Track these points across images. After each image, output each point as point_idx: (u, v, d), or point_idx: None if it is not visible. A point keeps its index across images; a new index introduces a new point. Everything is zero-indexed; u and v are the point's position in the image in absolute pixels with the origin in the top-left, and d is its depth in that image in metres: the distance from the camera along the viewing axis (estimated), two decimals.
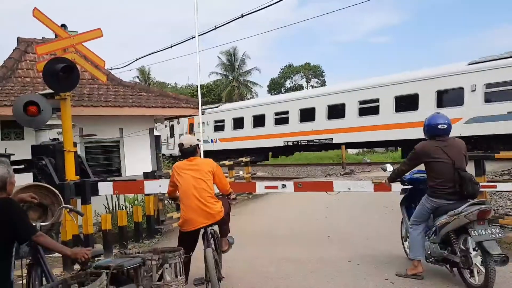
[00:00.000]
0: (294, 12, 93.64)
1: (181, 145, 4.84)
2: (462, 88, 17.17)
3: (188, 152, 4.80)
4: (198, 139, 5.16)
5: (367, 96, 20.34)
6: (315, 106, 22.52)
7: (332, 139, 21.75)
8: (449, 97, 17.99)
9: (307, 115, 22.94)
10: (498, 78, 16.23)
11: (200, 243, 4.70)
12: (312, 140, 22.77)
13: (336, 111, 21.62)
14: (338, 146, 21.45)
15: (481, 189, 5.77)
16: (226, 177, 7.78)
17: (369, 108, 20.26)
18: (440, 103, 17.91)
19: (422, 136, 5.09)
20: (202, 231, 4.59)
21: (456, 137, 5.12)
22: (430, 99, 18.04)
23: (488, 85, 16.57)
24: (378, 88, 20.01)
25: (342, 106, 21.39)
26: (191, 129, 29.75)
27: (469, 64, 17.50)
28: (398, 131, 18.80)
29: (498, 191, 8.70)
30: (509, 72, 15.93)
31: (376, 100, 19.99)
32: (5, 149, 8.12)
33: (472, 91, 16.93)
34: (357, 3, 15.04)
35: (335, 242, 6.98)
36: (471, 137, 16.38)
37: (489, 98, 16.62)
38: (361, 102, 20.62)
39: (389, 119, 19.31)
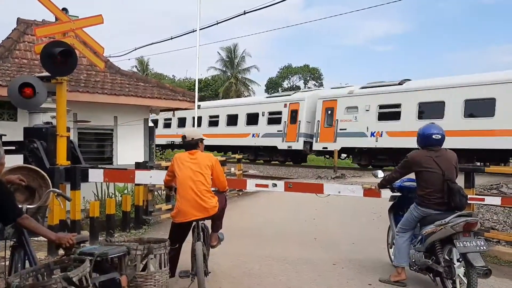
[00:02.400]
0: (299, 13, 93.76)
1: (184, 137, 4.85)
2: None
3: (190, 144, 4.82)
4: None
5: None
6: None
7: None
8: None
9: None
10: None
11: (189, 236, 4.71)
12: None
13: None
14: None
15: (469, 202, 5.82)
16: None
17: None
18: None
19: None
20: (193, 224, 4.60)
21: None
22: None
23: None
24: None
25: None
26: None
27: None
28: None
29: (485, 205, 8.77)
30: None
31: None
32: None
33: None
34: (360, 9, 15.06)
35: (321, 245, 7.01)
36: None
37: None
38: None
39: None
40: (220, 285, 4.99)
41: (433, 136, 4.89)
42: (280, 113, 24.36)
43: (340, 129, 21.22)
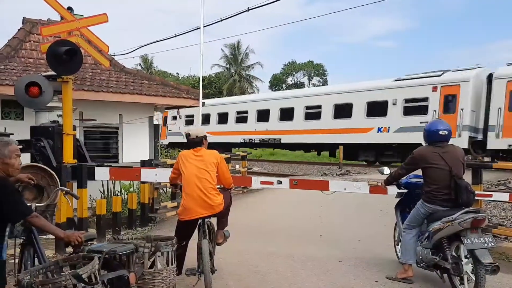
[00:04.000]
0: (301, 9, 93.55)
1: (188, 134, 4.86)
2: None
3: (194, 142, 4.82)
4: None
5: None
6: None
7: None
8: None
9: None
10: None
11: (195, 234, 4.72)
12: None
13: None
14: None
15: (477, 198, 5.79)
16: None
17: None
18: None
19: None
20: (199, 221, 4.61)
21: None
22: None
23: None
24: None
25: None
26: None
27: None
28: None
29: (493, 201, 8.75)
30: None
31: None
32: (5, 128, 8.10)
33: None
34: (364, 4, 15.01)
35: (327, 242, 7.01)
36: None
37: None
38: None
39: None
40: (226, 282, 5.01)
41: (440, 132, 4.87)
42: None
43: None
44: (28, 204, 3.47)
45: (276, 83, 61.07)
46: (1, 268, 2.95)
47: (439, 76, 18.10)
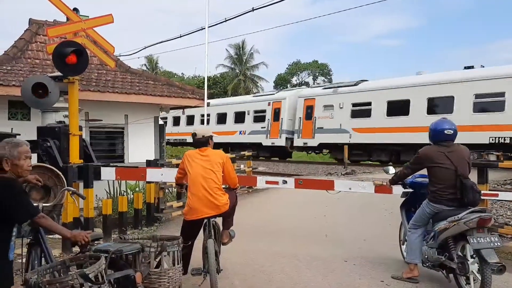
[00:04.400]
0: (306, 9, 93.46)
1: (194, 134, 4.87)
2: None
3: (200, 142, 4.83)
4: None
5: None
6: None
7: None
8: None
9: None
10: None
11: (200, 234, 4.73)
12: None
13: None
14: None
15: (483, 197, 5.76)
16: None
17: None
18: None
19: None
20: (205, 221, 4.62)
21: None
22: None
23: None
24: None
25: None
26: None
27: None
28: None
29: (499, 200, 8.70)
30: None
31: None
32: (11, 128, 8.17)
33: None
34: (369, 3, 14.98)
35: (332, 241, 7.01)
36: None
37: None
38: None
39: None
40: (232, 282, 5.02)
41: (445, 132, 4.85)
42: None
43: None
44: (35, 204, 3.49)
45: (281, 83, 61.03)
46: (8, 268, 2.97)
47: (273, 95, 26.57)
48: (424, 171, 5.06)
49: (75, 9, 7.36)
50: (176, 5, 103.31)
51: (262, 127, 25.40)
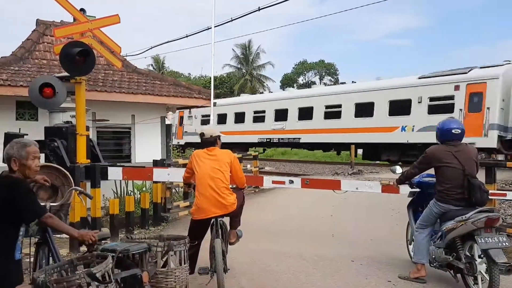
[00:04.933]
0: (313, 9, 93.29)
1: (202, 134, 4.87)
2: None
3: (208, 142, 4.83)
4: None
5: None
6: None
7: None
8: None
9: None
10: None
11: (207, 233, 4.74)
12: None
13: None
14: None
15: (491, 197, 5.73)
16: None
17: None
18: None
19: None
20: (212, 221, 4.62)
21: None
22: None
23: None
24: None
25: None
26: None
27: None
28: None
29: (507, 200, 8.64)
30: None
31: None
32: (19, 129, 8.21)
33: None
34: (376, 2, 14.93)
35: (339, 241, 6.99)
36: None
37: None
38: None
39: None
40: (239, 281, 5.02)
41: (453, 131, 4.83)
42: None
43: None
44: (43, 204, 3.51)
45: (288, 82, 60.98)
46: (15, 267, 2.99)
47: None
48: (431, 171, 5.03)
49: (82, 10, 7.40)
50: (182, 5, 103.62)
51: None
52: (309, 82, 59.97)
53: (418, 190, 5.50)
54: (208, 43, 12.99)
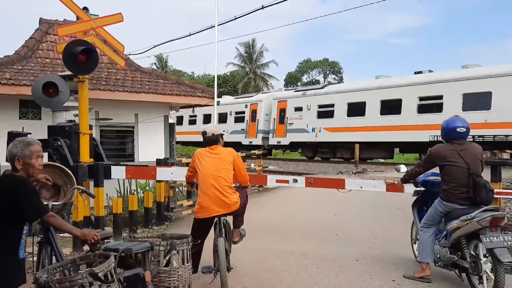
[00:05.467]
0: (317, 7, 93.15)
1: (204, 133, 4.84)
2: None
3: (210, 140, 4.80)
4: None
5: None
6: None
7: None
8: None
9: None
10: None
11: (211, 232, 4.72)
12: None
13: None
14: None
15: (496, 196, 5.69)
16: None
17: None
18: None
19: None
20: (215, 219, 4.60)
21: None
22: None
23: None
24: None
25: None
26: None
27: None
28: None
29: None
30: None
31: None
32: (22, 128, 8.22)
33: None
34: (380, 1, 14.85)
35: (343, 240, 6.96)
36: None
37: None
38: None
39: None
40: (242, 280, 5.00)
41: (457, 129, 4.79)
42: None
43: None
44: (45, 203, 3.50)
45: (291, 81, 60.91)
46: (19, 265, 2.98)
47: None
48: (436, 170, 4.99)
49: (85, 8, 7.40)
50: (186, 4, 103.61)
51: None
52: (313, 80, 59.86)
53: (422, 189, 5.45)
54: (212, 41, 12.94)
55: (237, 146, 24.44)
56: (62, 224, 3.13)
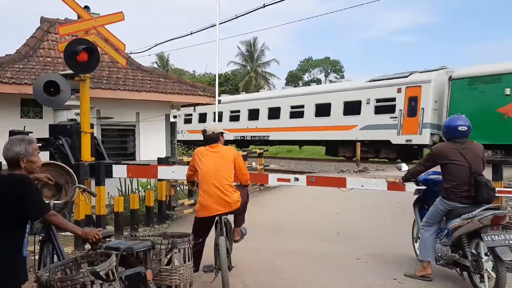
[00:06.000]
0: (319, 6, 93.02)
1: (204, 131, 4.83)
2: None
3: (211, 138, 4.79)
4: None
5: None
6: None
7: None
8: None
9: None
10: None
11: (212, 231, 4.72)
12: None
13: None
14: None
15: (498, 195, 5.67)
16: None
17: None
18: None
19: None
20: (216, 218, 4.60)
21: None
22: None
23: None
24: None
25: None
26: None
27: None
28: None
29: None
30: None
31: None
32: (24, 126, 8.24)
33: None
34: None
35: (345, 239, 6.96)
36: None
37: None
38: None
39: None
40: (244, 279, 5.01)
41: (459, 128, 4.78)
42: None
43: None
44: (47, 202, 3.50)
45: (293, 79, 60.90)
46: (22, 264, 2.99)
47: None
48: (437, 168, 4.99)
49: (86, 7, 7.39)
50: (187, 3, 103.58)
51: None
52: (314, 79, 59.83)
53: (424, 187, 5.45)
54: (213, 40, 12.93)
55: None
56: (63, 223, 3.14)
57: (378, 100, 21.05)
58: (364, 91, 21.65)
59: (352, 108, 22.00)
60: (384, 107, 20.68)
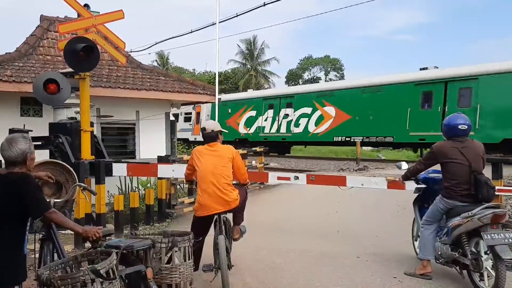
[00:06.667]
0: (318, 5, 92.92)
1: (203, 129, 4.82)
2: None
3: (209, 137, 4.78)
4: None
5: None
6: None
7: None
8: None
9: None
10: None
11: (211, 229, 4.72)
12: None
13: None
14: None
15: (497, 193, 5.68)
16: None
17: None
18: None
19: None
20: (215, 217, 4.60)
21: None
22: None
23: None
24: None
25: None
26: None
27: None
28: None
29: None
30: None
31: None
32: (24, 125, 8.23)
33: None
34: None
35: (345, 237, 6.96)
36: None
37: None
38: None
39: None
40: (243, 278, 5.01)
41: (459, 127, 4.78)
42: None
43: None
44: (47, 200, 3.50)
45: (293, 78, 60.85)
46: (22, 263, 2.99)
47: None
48: (437, 167, 4.99)
49: (86, 5, 7.38)
50: (188, 2, 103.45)
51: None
52: (314, 77, 59.78)
53: (424, 186, 5.45)
54: (213, 38, 12.93)
55: None
56: (64, 221, 3.14)
57: None
58: None
59: None
60: None
